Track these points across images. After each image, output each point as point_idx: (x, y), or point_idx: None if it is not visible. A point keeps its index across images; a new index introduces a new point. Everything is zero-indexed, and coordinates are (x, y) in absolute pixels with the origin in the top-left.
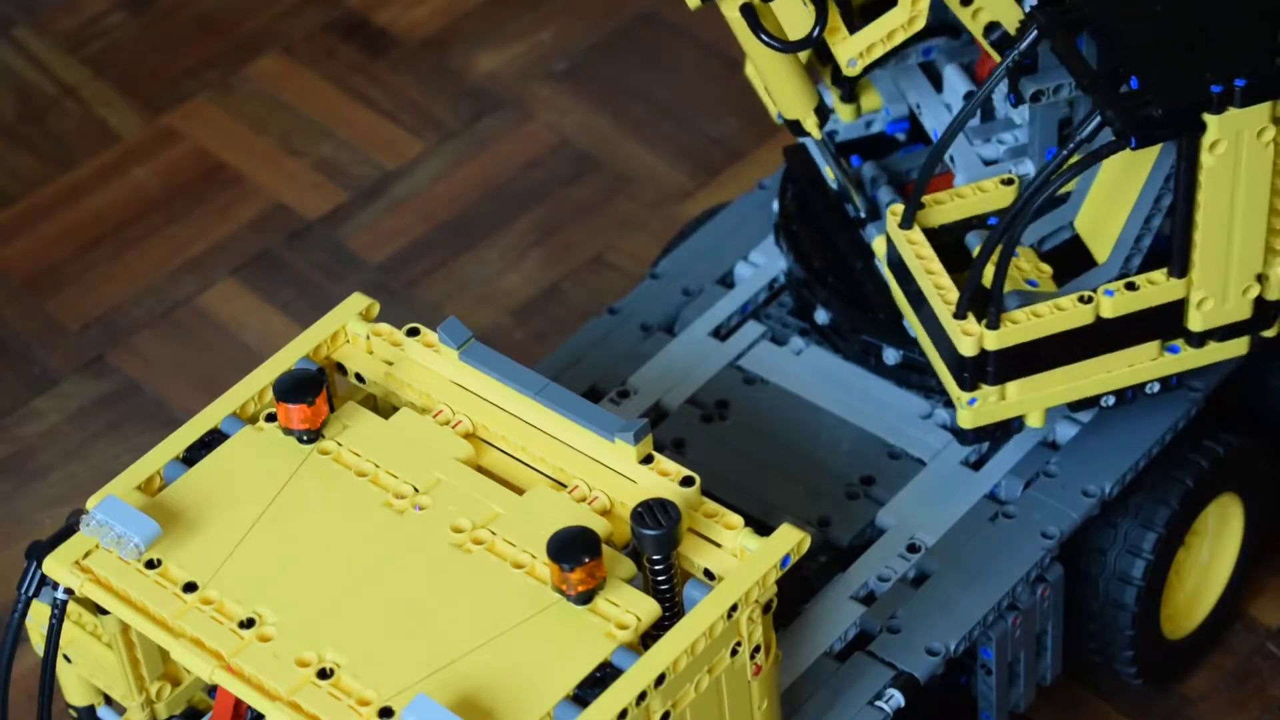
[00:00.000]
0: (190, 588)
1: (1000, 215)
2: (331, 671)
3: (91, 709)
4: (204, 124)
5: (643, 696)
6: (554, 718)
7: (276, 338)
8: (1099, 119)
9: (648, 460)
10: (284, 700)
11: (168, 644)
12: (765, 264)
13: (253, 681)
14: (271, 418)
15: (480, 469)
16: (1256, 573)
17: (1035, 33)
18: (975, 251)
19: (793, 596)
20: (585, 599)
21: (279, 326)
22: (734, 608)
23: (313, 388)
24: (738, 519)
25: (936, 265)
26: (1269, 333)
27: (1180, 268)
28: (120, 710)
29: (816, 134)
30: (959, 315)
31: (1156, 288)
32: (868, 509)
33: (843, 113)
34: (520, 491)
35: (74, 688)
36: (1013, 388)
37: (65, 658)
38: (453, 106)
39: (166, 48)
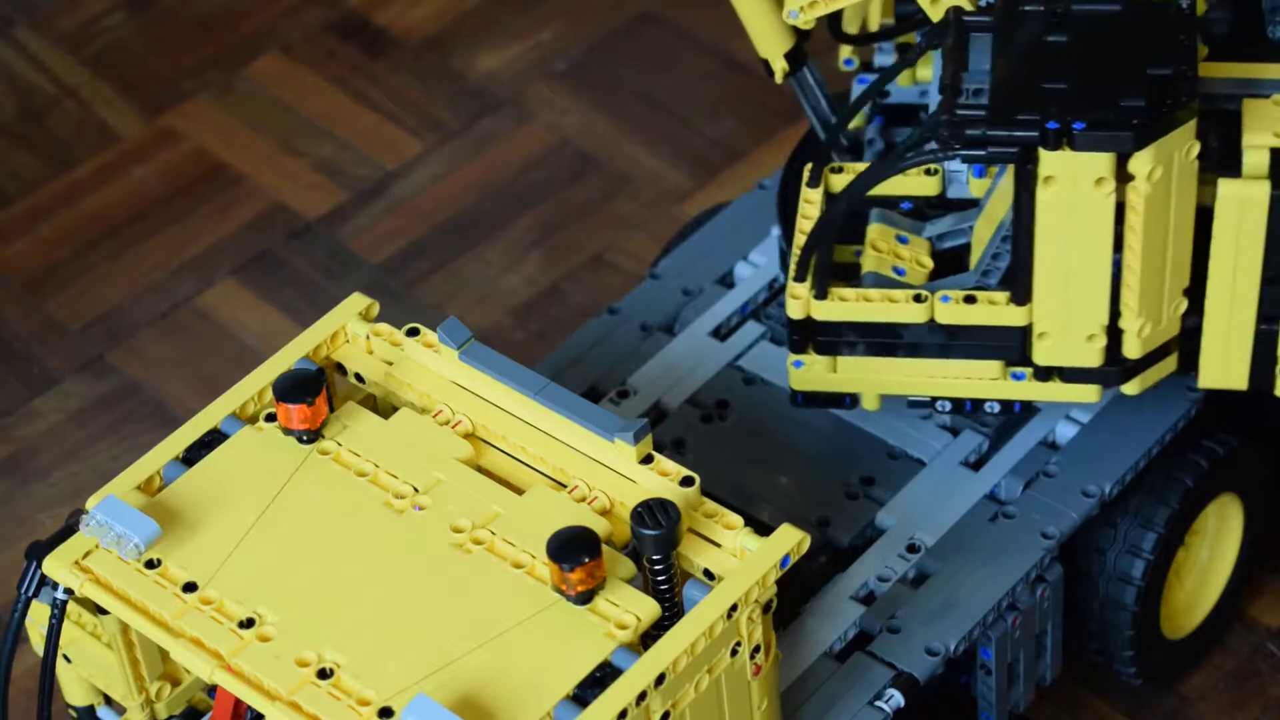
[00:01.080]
0: (190, 588)
1: (914, 200)
2: (331, 671)
3: (91, 709)
4: (204, 124)
5: (643, 696)
6: (554, 718)
7: (276, 338)
8: (929, 125)
9: (647, 460)
10: (284, 700)
11: (167, 644)
12: (765, 264)
13: (252, 681)
14: (271, 418)
15: (480, 469)
16: (1256, 573)
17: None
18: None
19: (793, 596)
20: (585, 599)
21: (279, 326)
22: (734, 608)
23: (312, 388)
24: (737, 519)
25: (808, 227)
26: (1129, 389)
27: (1019, 295)
28: (120, 710)
29: (779, 78)
30: (798, 278)
31: (993, 308)
32: (868, 509)
33: (901, 79)
34: (520, 491)
35: (74, 688)
36: (844, 363)
37: (65, 658)
38: (453, 106)
39: (166, 48)
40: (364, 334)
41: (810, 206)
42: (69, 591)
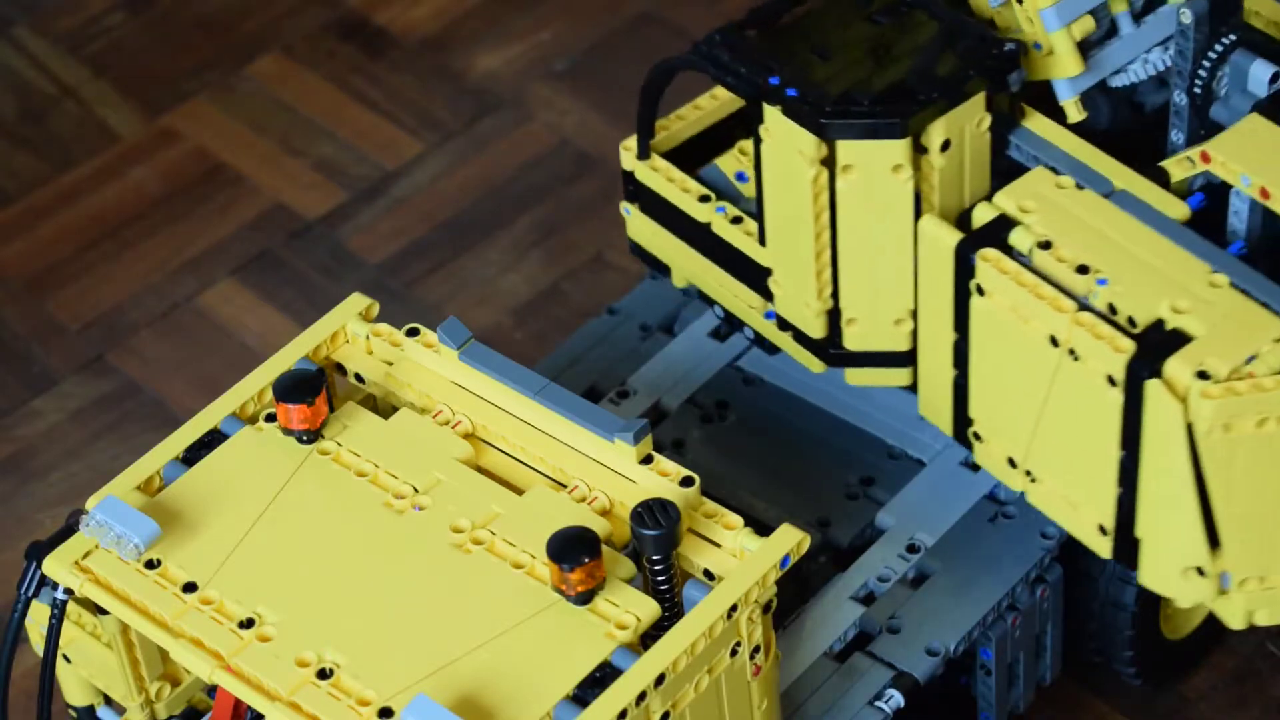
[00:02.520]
0: (190, 588)
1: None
2: (331, 671)
3: (91, 709)
4: (204, 124)
5: (642, 696)
6: (554, 718)
7: (276, 338)
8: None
9: (647, 460)
10: (284, 700)
11: (167, 644)
12: None
13: (252, 681)
14: (271, 418)
15: (480, 469)
16: None
17: None
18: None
19: (793, 596)
20: (585, 599)
21: (279, 326)
22: (734, 608)
23: (312, 388)
24: (737, 519)
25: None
26: (817, 367)
27: (760, 236)
28: (120, 710)
29: None
30: (640, 156)
31: (747, 238)
32: (868, 509)
33: None
34: (520, 491)
35: (74, 688)
36: (659, 231)
37: (65, 658)
38: (453, 106)
39: (166, 48)
40: (364, 334)
41: (666, 171)
42: (69, 591)
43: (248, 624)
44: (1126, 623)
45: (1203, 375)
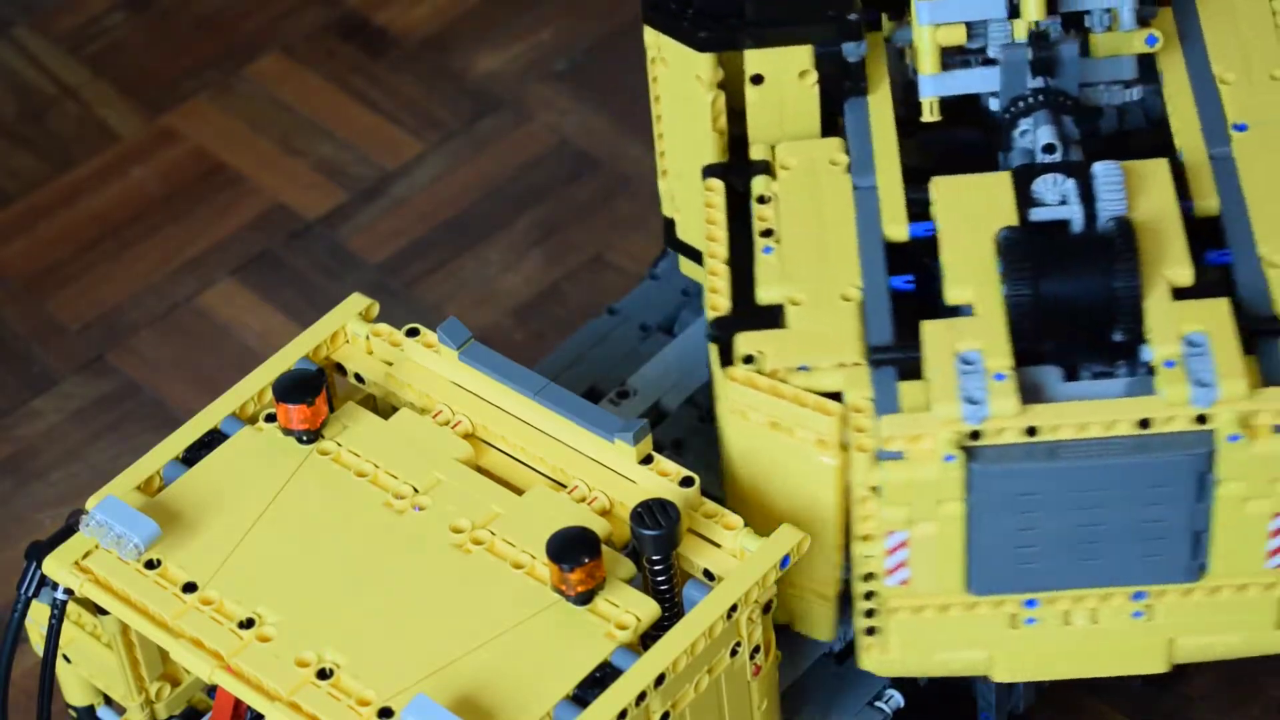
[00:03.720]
0: (190, 588)
1: None
2: (331, 671)
3: (91, 709)
4: (204, 124)
5: (642, 697)
6: (554, 718)
7: (276, 338)
8: None
9: (647, 460)
10: (284, 700)
11: (167, 644)
12: None
13: (252, 682)
14: (271, 418)
15: (480, 469)
16: None
17: None
18: None
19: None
20: (585, 599)
21: (279, 326)
22: (734, 608)
23: (312, 388)
24: (737, 519)
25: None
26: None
27: None
28: (120, 710)
29: None
30: None
31: None
32: None
33: None
34: (520, 491)
35: (74, 688)
36: None
37: (65, 658)
38: (453, 106)
39: (166, 48)
40: (364, 334)
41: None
42: (69, 591)
43: (248, 624)
44: None
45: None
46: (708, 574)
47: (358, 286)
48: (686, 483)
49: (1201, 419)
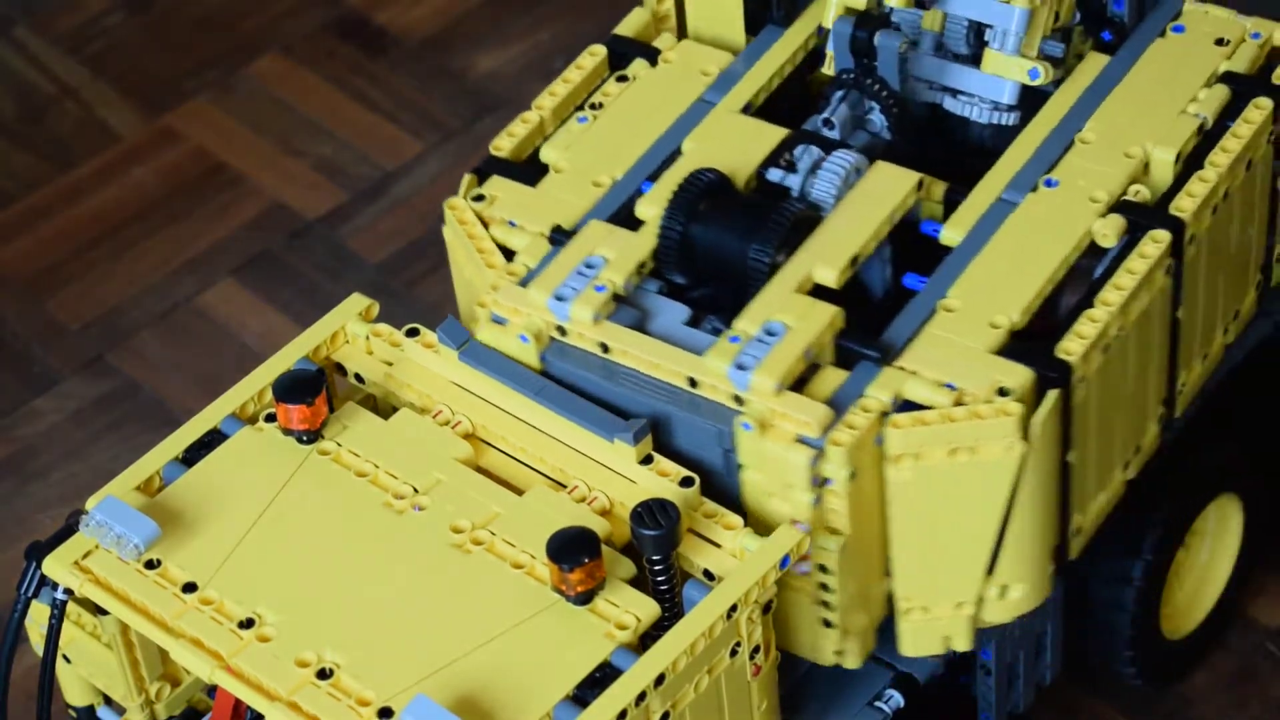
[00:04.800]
0: (190, 588)
1: None
2: (331, 672)
3: (91, 709)
4: (204, 124)
5: (642, 697)
6: (553, 718)
7: (276, 338)
8: None
9: (647, 460)
10: (283, 700)
11: (167, 644)
12: None
13: (252, 682)
14: (271, 418)
15: (480, 469)
16: (1256, 573)
17: None
18: None
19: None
20: (585, 599)
21: (279, 326)
22: (733, 608)
23: (312, 388)
24: (737, 519)
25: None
26: None
27: None
28: (120, 710)
29: None
30: None
31: None
32: None
33: None
34: (520, 492)
35: (74, 688)
36: None
37: (65, 658)
38: (453, 106)
39: (166, 48)
40: (364, 334)
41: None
42: (69, 592)
43: (247, 624)
44: (1126, 623)
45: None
46: (708, 574)
47: (358, 286)
48: (686, 483)
49: (739, 400)
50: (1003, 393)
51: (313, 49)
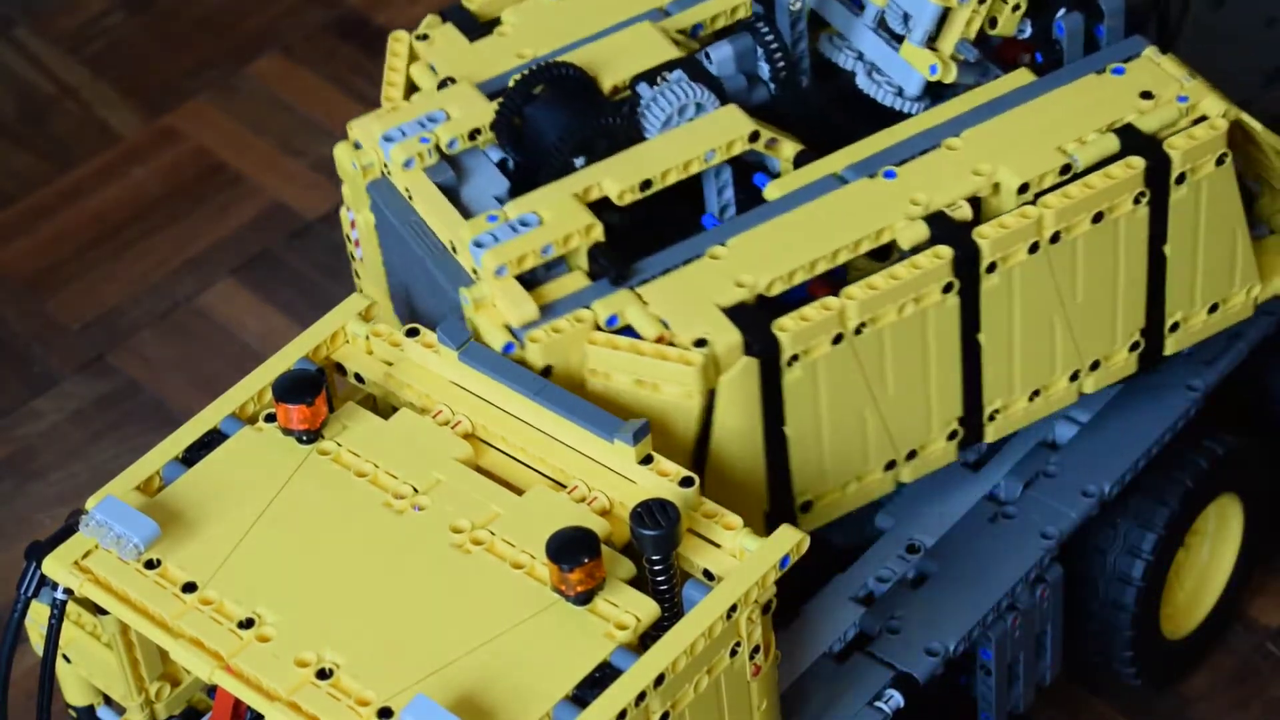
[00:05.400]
0: (190, 588)
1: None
2: (330, 671)
3: (91, 709)
4: (204, 124)
5: (642, 697)
6: (553, 718)
7: (276, 338)
8: None
9: (647, 460)
10: (283, 700)
11: (167, 644)
12: None
13: (252, 682)
14: (271, 418)
15: (480, 469)
16: (1256, 573)
17: None
18: None
19: (792, 597)
20: (584, 599)
21: (279, 326)
22: (733, 608)
23: (312, 388)
24: (737, 519)
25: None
26: None
27: None
28: (120, 710)
29: None
30: None
31: None
32: (867, 509)
33: None
34: (520, 492)
35: (74, 688)
36: None
37: (65, 658)
38: None
39: (166, 48)
40: (364, 334)
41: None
42: (69, 591)
43: (247, 624)
44: (1126, 623)
45: None
46: (707, 574)
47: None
48: (686, 483)
49: (477, 275)
50: (700, 344)
51: (313, 49)
